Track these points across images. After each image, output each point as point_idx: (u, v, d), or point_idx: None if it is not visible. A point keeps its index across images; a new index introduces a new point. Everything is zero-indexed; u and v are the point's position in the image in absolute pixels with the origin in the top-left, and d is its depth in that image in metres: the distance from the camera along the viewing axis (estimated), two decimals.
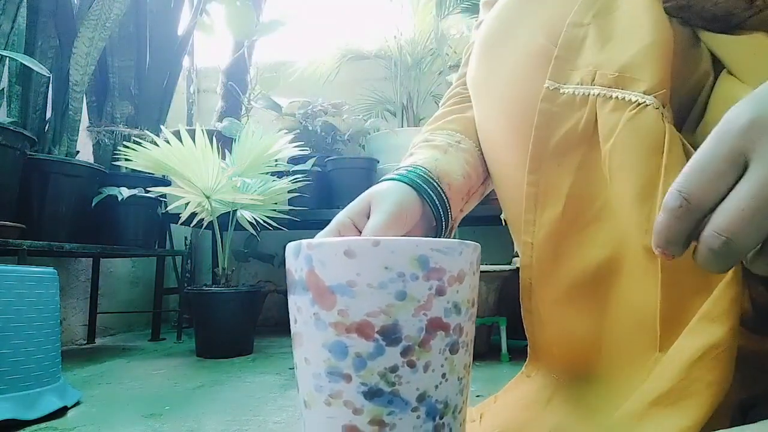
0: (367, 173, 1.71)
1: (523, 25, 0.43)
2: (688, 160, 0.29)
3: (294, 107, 1.80)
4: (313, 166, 1.58)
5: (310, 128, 1.76)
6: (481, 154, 0.52)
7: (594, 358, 0.41)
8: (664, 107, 0.35)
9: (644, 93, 0.35)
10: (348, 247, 0.28)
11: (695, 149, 0.27)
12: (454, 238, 0.37)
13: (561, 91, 0.39)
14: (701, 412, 0.30)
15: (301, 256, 0.29)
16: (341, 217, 0.42)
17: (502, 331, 1.17)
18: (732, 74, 0.41)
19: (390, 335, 0.28)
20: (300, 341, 0.30)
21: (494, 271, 1.14)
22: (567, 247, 0.41)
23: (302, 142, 1.42)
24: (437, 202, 0.45)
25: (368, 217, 0.41)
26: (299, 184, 1.39)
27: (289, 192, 1.40)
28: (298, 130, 1.70)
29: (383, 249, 0.27)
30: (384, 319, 0.28)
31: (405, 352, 0.28)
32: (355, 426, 0.28)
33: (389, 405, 0.28)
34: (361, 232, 0.41)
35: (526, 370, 0.48)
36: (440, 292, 0.28)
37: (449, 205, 0.47)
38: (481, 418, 0.47)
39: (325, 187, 1.68)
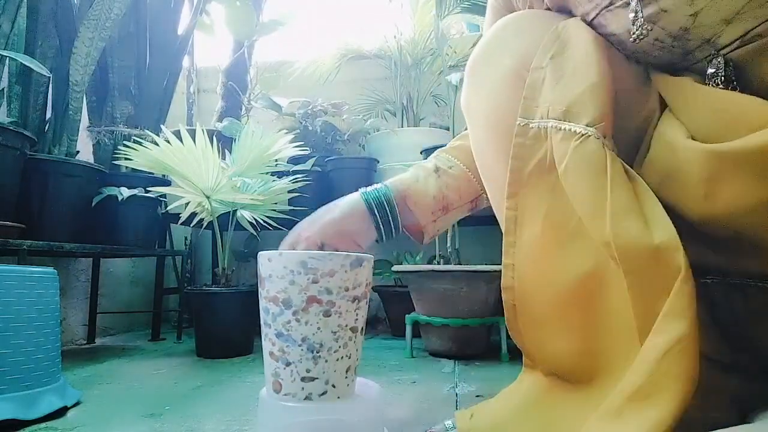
0: (367, 173, 1.71)
1: (501, 54, 0.50)
2: (630, 181, 0.39)
3: (294, 107, 1.80)
4: (313, 166, 1.58)
5: (310, 128, 1.76)
6: (473, 175, 0.64)
7: (585, 366, 0.44)
8: (605, 137, 0.41)
9: (586, 125, 0.41)
10: (269, 256, 0.51)
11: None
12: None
13: (530, 125, 0.45)
14: (674, 403, 0.32)
15: (257, 260, 0.53)
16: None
17: (501, 331, 1.17)
18: (672, 112, 0.45)
19: (286, 303, 0.49)
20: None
21: (494, 271, 1.14)
22: (549, 265, 0.45)
23: (302, 142, 1.42)
24: (380, 217, 0.62)
25: None
26: (299, 184, 1.39)
27: (289, 192, 1.40)
28: (298, 130, 1.70)
29: (283, 257, 0.49)
30: (283, 295, 0.49)
31: (294, 314, 0.49)
32: (272, 352, 0.51)
33: (286, 341, 0.49)
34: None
35: (521, 377, 0.51)
36: (315, 281, 0.49)
37: (399, 219, 0.64)
38: (471, 416, 0.51)
39: (325, 187, 1.68)
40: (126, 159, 1.21)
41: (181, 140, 1.19)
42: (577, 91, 0.42)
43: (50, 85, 1.32)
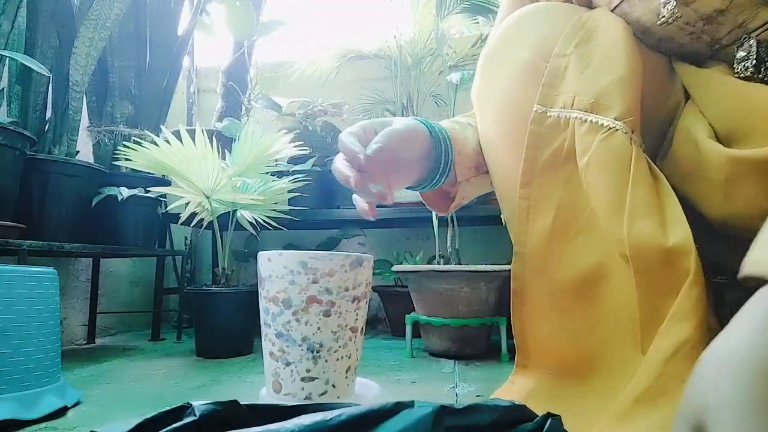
0: None
1: (518, 45, 0.48)
2: (653, 178, 0.38)
3: (294, 107, 1.80)
4: (313, 166, 1.58)
5: (310, 128, 1.75)
6: None
7: (580, 361, 0.44)
8: (632, 132, 0.40)
9: (615, 119, 0.40)
10: (269, 256, 0.50)
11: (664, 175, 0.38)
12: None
13: (548, 114, 0.44)
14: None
15: (257, 260, 0.53)
16: (367, 122, 0.52)
17: (501, 331, 1.17)
18: (695, 104, 0.45)
19: (286, 303, 0.49)
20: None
21: (494, 271, 1.14)
22: (557, 256, 0.45)
23: (302, 142, 1.42)
24: (443, 149, 0.52)
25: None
26: (299, 184, 1.39)
27: (289, 192, 1.40)
28: (298, 130, 1.70)
29: (284, 257, 0.49)
30: (283, 295, 0.49)
31: (294, 314, 0.49)
32: (272, 352, 0.51)
33: (286, 341, 0.49)
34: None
35: (512, 378, 0.50)
36: (315, 281, 0.49)
37: (454, 163, 0.54)
38: None
39: (325, 187, 1.67)
40: (126, 159, 1.21)
41: (181, 140, 1.19)
42: (605, 83, 0.41)
43: (50, 85, 1.32)
